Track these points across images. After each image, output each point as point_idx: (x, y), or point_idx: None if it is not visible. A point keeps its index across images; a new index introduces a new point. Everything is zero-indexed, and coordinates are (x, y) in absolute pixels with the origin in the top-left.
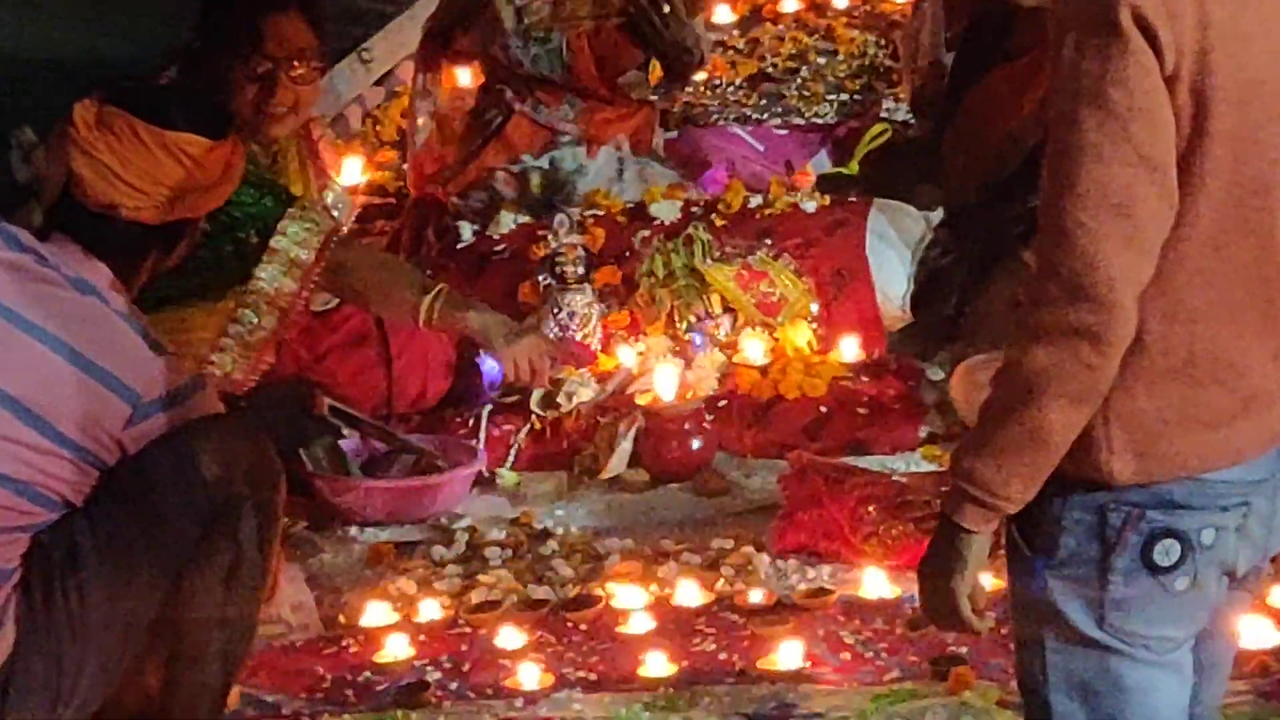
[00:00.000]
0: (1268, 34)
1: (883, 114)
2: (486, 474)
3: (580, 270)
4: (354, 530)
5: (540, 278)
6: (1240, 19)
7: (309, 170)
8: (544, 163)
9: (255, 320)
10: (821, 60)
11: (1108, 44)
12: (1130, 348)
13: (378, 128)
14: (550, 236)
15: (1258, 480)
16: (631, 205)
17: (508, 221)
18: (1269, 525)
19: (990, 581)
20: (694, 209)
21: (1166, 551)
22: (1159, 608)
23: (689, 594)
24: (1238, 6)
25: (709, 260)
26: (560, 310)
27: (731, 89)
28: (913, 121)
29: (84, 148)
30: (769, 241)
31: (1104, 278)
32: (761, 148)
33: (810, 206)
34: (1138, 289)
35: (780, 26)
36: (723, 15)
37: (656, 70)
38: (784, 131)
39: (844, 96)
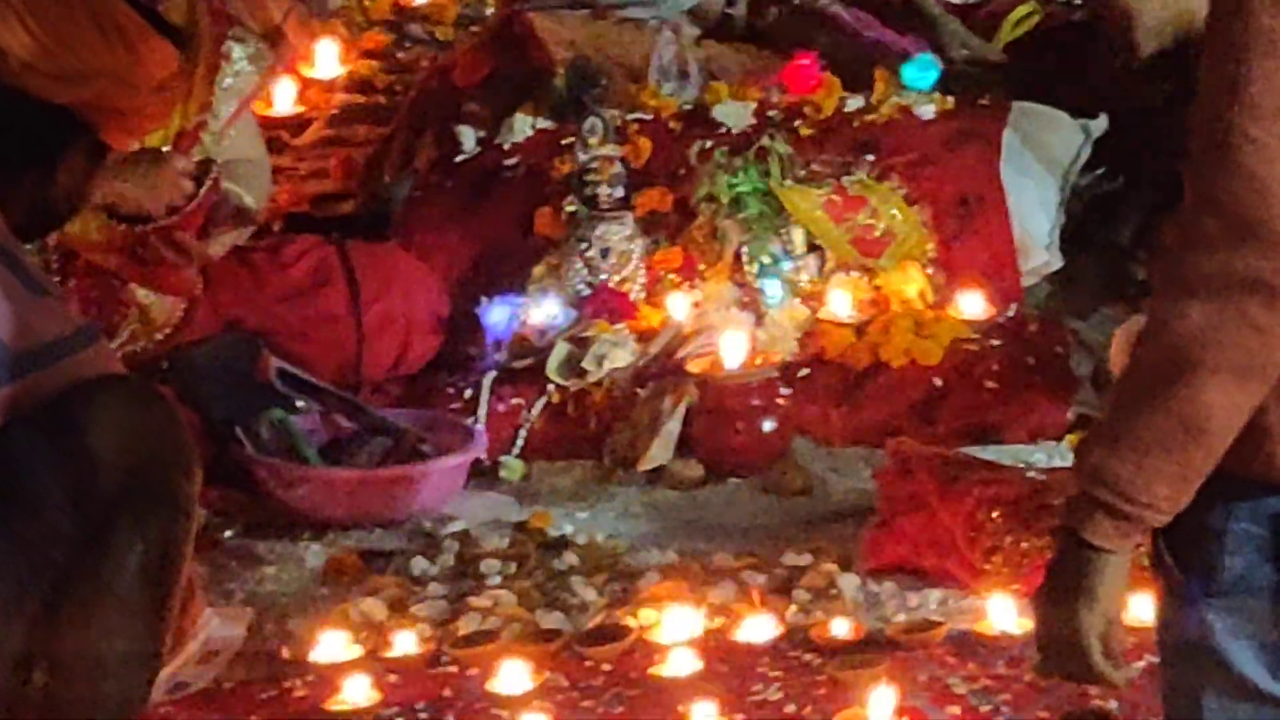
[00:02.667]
0: None
1: None
2: (487, 463)
3: (618, 193)
4: (308, 535)
5: (565, 202)
6: None
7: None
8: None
9: None
10: None
11: None
12: None
13: (366, 2)
14: (579, 147)
15: None
16: (689, 107)
17: (523, 127)
18: None
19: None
20: (771, 114)
21: None
22: None
23: (752, 626)
24: None
25: (789, 181)
26: (590, 246)
27: None
28: (1079, 1)
29: None
30: (871, 158)
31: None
32: (871, 34)
33: (928, 112)
34: None
35: None
36: None
37: None
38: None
39: None
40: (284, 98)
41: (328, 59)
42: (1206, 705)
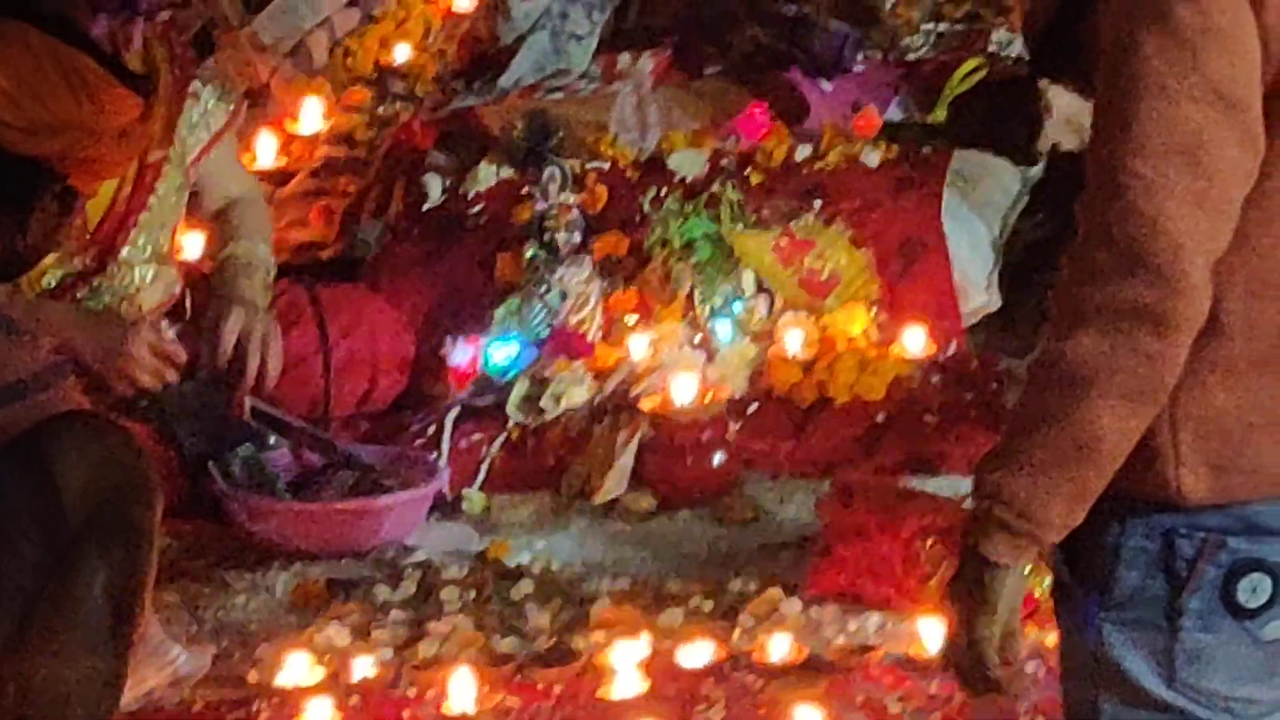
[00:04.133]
0: None
1: (989, 48)
2: (449, 496)
3: (576, 238)
4: (276, 565)
5: (526, 247)
6: None
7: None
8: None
9: None
10: None
11: None
12: (1204, 332)
13: (349, 60)
14: (538, 195)
15: None
16: (645, 156)
17: (487, 176)
18: None
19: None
20: (724, 161)
21: (1254, 589)
22: (1244, 661)
23: (696, 649)
24: None
25: (740, 226)
26: (549, 289)
27: None
28: (1026, 57)
29: None
30: (819, 203)
31: (1168, 244)
32: (827, 86)
33: (873, 160)
34: (1211, 258)
35: None
36: None
37: None
38: (859, 67)
39: (942, 26)
40: (268, 151)
41: (312, 114)
42: (1104, 713)
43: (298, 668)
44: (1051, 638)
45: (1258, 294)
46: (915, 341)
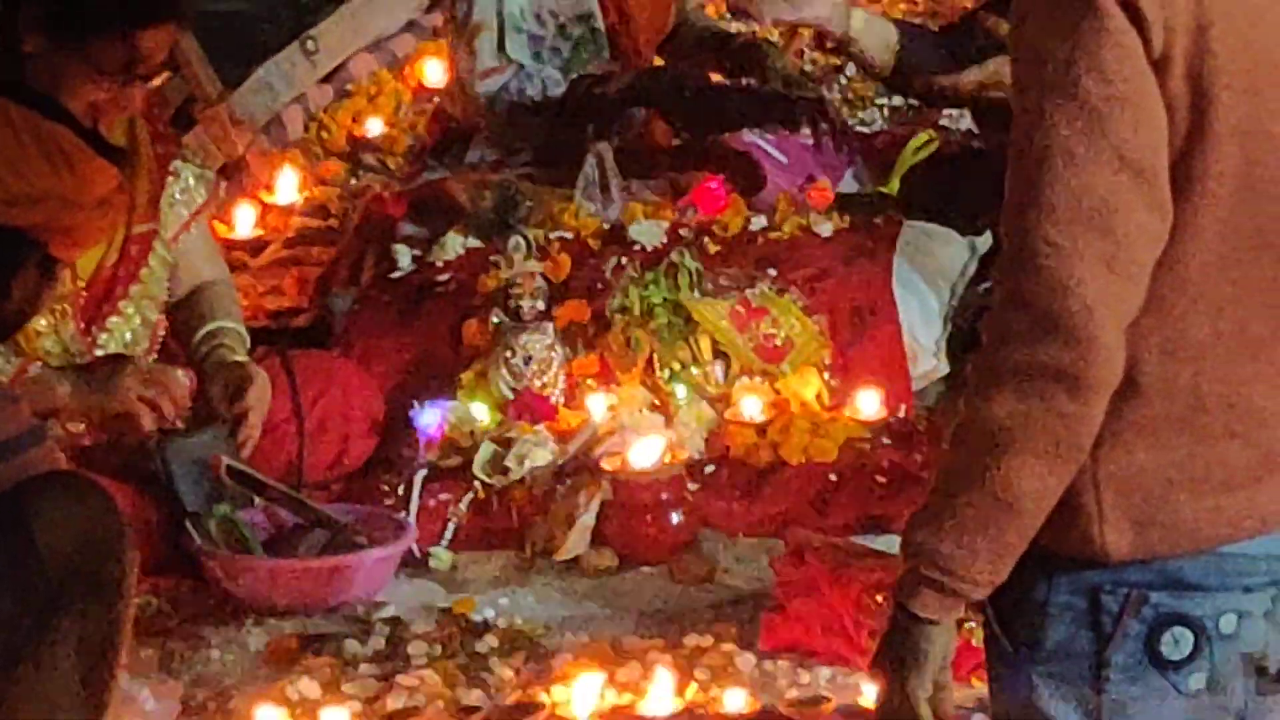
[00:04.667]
0: None
1: (942, 122)
2: (417, 553)
3: (540, 305)
4: (251, 621)
5: (492, 314)
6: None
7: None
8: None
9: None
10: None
11: (1079, 21)
12: (1122, 392)
13: (324, 134)
14: (503, 264)
15: None
16: (606, 227)
17: (454, 246)
18: None
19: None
20: (682, 231)
21: (1176, 642)
22: (1168, 713)
23: (654, 701)
24: None
25: (697, 294)
26: (514, 354)
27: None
28: (978, 131)
29: None
30: (773, 272)
31: (1079, 307)
32: (785, 160)
33: (826, 230)
34: (1123, 320)
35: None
36: None
37: None
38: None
39: (896, 100)
40: (245, 222)
41: (287, 186)
42: None
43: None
44: None
45: (1172, 355)
46: (866, 405)
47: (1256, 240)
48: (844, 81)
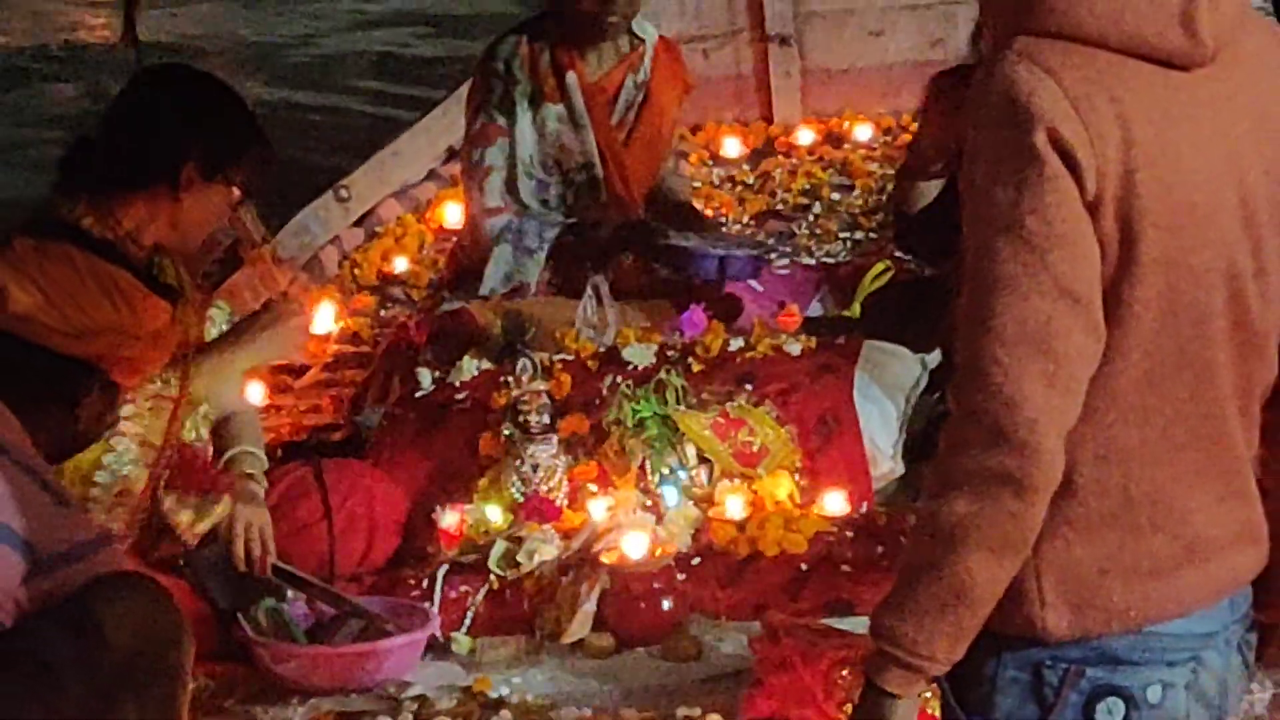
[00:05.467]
0: (1198, 151)
1: (896, 254)
2: (440, 639)
3: (545, 419)
4: (295, 700)
5: (503, 428)
6: (1168, 136)
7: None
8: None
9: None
10: (836, 195)
11: (1023, 168)
12: (1060, 492)
13: (356, 271)
14: (513, 384)
15: (1208, 633)
16: (603, 349)
17: (470, 368)
18: (1223, 682)
19: None
20: (669, 353)
21: (1110, 711)
22: None
23: None
24: (1165, 123)
25: (683, 407)
26: (523, 463)
27: (737, 227)
28: (892, 234)
29: (12, 262)
30: (749, 387)
31: (1024, 419)
32: (760, 288)
33: (795, 349)
34: (1063, 430)
35: (794, 160)
36: (732, 148)
37: None
38: (786, 271)
39: (858, 234)
40: None
41: (324, 317)
42: None
43: None
44: None
45: (1105, 459)
46: (833, 503)
47: (1178, 358)
48: (812, 219)
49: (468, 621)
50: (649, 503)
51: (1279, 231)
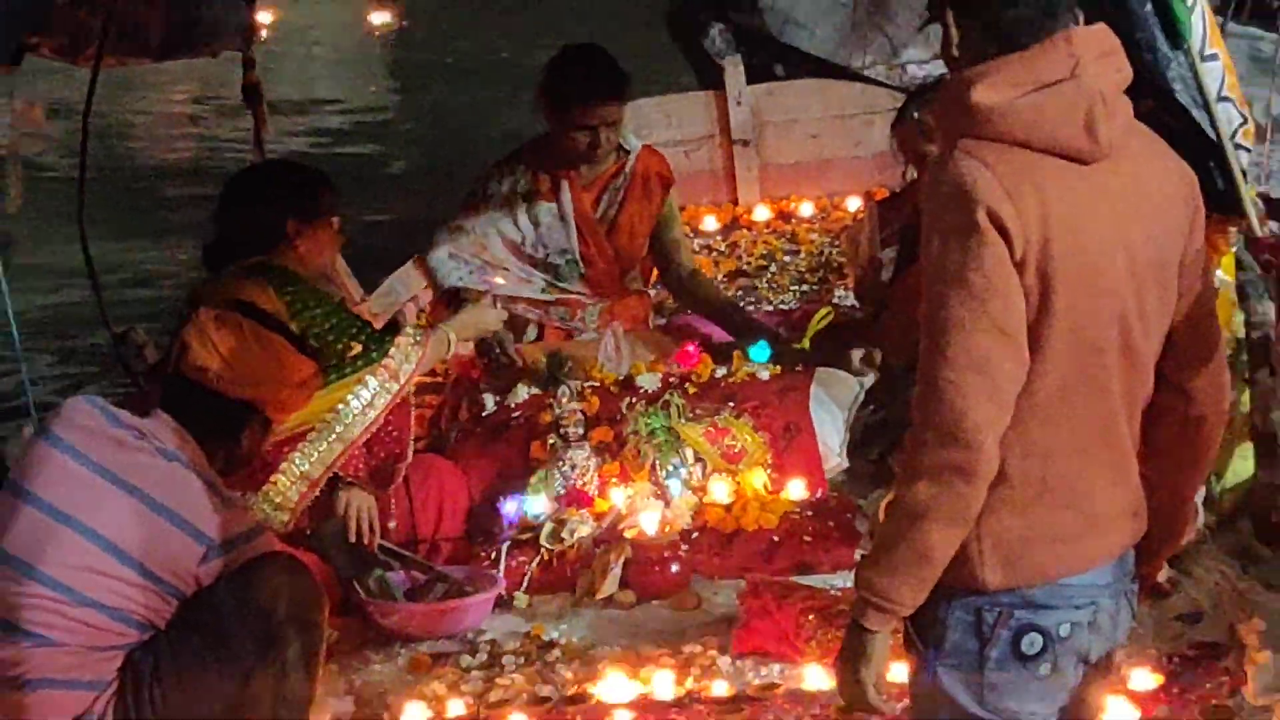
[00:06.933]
0: (1096, 224)
1: (834, 300)
2: (505, 596)
3: (580, 431)
4: (398, 645)
5: (548, 438)
6: (1074, 213)
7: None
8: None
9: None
10: (787, 258)
11: (968, 237)
12: (995, 480)
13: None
14: (555, 405)
15: (1104, 584)
16: (621, 378)
17: (522, 393)
18: (1115, 620)
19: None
20: (671, 379)
21: (1032, 643)
22: (1027, 689)
23: (665, 690)
24: (1072, 202)
25: (683, 420)
26: (565, 464)
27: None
28: (858, 305)
29: (197, 328)
30: (731, 404)
31: (970, 425)
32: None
33: (764, 375)
34: (998, 433)
35: (754, 232)
36: (709, 224)
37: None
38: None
39: (804, 287)
40: None
41: None
42: None
43: (413, 712)
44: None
45: (1028, 455)
46: (795, 490)
47: (1081, 379)
48: (769, 276)
49: (525, 583)
50: (658, 492)
51: (1157, 284)
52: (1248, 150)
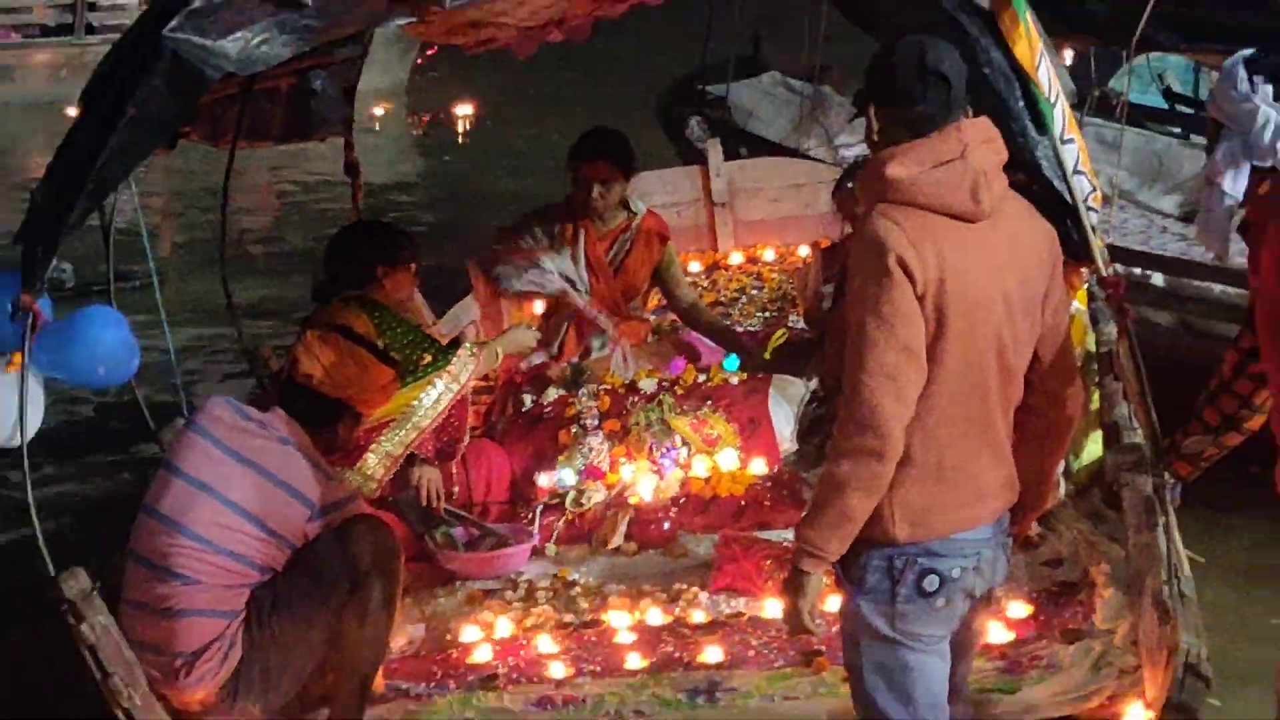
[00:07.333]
0: (980, 270)
1: (789, 323)
2: (539, 547)
3: (595, 423)
4: (458, 583)
5: (572, 428)
6: (963, 260)
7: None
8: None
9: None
10: (754, 292)
11: (882, 277)
12: (901, 461)
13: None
14: (577, 403)
15: (985, 539)
16: (627, 383)
17: (552, 394)
18: (994, 566)
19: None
20: (664, 383)
21: (930, 583)
22: (927, 617)
23: (657, 618)
24: (962, 252)
25: (673, 414)
26: (584, 447)
27: None
28: (806, 328)
29: (304, 345)
30: (709, 402)
31: (882, 420)
32: (712, 345)
33: (734, 380)
34: (904, 426)
35: (729, 272)
36: (695, 266)
37: (651, 301)
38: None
39: (766, 314)
40: None
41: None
42: (862, 646)
43: (469, 633)
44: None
45: (927, 442)
46: (757, 467)
47: (967, 386)
48: (740, 306)
49: (554, 537)
50: (654, 468)
51: (1026, 315)
52: (1096, 211)
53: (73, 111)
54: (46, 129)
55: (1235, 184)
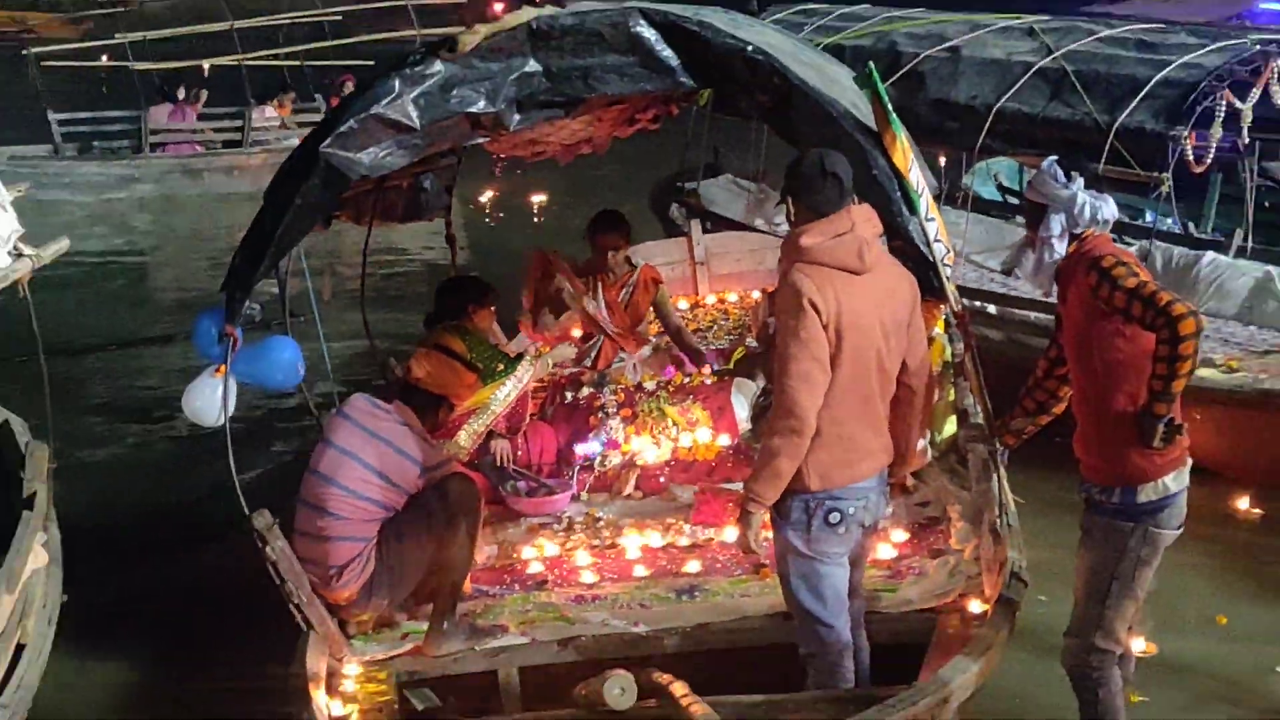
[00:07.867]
0: (865, 308)
1: (746, 344)
2: (576, 495)
3: (615, 410)
4: (521, 520)
5: (599, 414)
6: (853, 301)
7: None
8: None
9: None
10: (723, 321)
11: (798, 313)
12: (815, 435)
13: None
14: (602, 397)
15: (871, 487)
16: (636, 384)
17: (586, 391)
18: (879, 506)
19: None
20: (661, 384)
21: (835, 517)
22: (833, 541)
23: (655, 541)
24: (852, 297)
25: (667, 404)
26: (607, 426)
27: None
28: (757, 347)
29: (418, 358)
30: (691, 396)
31: (800, 409)
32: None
33: (710, 382)
34: (815, 411)
35: (705, 309)
36: (683, 305)
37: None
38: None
39: (731, 337)
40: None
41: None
42: (789, 561)
43: (528, 552)
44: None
45: (830, 421)
46: (724, 440)
47: (857, 383)
48: (714, 331)
49: (587, 487)
50: (654, 441)
51: (896, 336)
52: (949, 266)
53: (249, 202)
54: (227, 214)
55: (1063, 245)
